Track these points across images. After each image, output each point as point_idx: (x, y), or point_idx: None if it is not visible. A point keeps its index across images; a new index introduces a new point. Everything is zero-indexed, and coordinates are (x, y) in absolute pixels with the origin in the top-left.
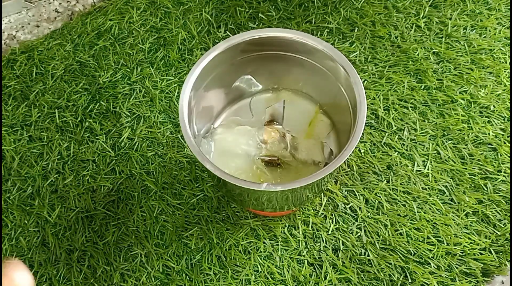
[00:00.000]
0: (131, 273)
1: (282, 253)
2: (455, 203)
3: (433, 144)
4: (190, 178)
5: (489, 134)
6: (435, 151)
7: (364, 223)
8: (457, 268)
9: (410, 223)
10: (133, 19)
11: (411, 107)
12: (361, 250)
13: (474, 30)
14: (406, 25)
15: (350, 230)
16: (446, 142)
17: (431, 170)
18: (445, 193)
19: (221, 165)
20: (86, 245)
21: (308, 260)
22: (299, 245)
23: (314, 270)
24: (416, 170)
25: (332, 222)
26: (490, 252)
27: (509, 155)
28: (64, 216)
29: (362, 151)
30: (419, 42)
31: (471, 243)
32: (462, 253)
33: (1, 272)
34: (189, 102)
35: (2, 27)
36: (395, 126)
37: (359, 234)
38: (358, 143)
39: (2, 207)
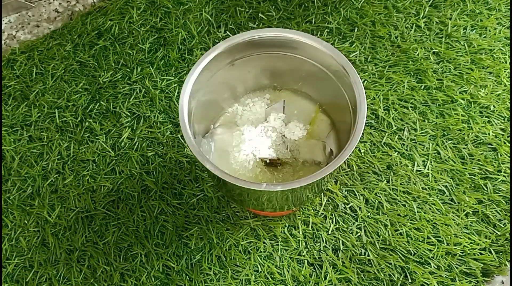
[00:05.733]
0: (131, 273)
1: (282, 253)
2: (455, 203)
3: (433, 144)
4: (190, 178)
5: (489, 134)
6: (435, 151)
7: (364, 223)
8: (457, 268)
9: (410, 223)
10: (133, 19)
11: (411, 107)
12: (361, 250)
13: (474, 30)
14: (406, 25)
15: (350, 230)
16: (446, 142)
17: (431, 170)
18: (445, 193)
19: (221, 165)
20: (86, 245)
21: (308, 260)
22: (299, 245)
23: (314, 270)
24: (416, 170)
25: (332, 222)
26: (490, 252)
27: (509, 155)
28: (64, 216)
29: (362, 151)
30: (419, 42)
31: (471, 243)
32: (462, 253)
33: None
34: (189, 102)
35: (2, 27)
36: (395, 126)
37: (359, 234)
38: (358, 143)
39: (2, 207)
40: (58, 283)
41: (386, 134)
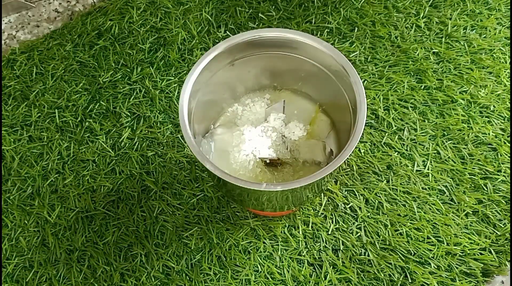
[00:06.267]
0: (131, 273)
1: (282, 253)
2: (455, 203)
3: (433, 144)
4: (190, 178)
5: (489, 134)
6: (435, 151)
7: (364, 223)
8: (457, 268)
9: (410, 223)
10: (133, 19)
11: (411, 107)
12: (361, 250)
13: (474, 30)
14: (406, 25)
15: (350, 230)
16: (446, 142)
17: (431, 170)
18: (445, 193)
19: (221, 165)
20: (86, 245)
21: (308, 260)
22: (299, 245)
23: (314, 270)
24: (416, 170)
25: (332, 222)
26: (490, 252)
27: (509, 155)
28: (64, 216)
29: (362, 151)
30: (419, 42)
31: (471, 243)
32: (462, 253)
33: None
34: (189, 102)
35: (2, 27)
36: (395, 126)
37: (359, 234)
38: (358, 143)
39: (2, 207)
40: (58, 283)
41: (386, 134)
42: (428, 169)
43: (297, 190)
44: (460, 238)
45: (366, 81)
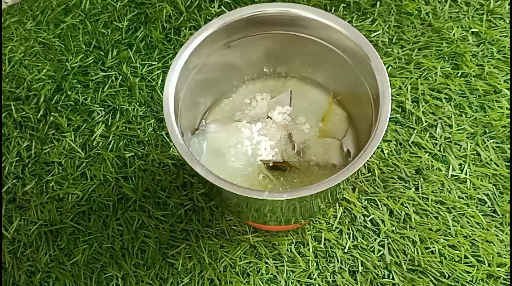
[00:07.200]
0: None
1: (288, 275)
2: (498, 215)
3: (471, 143)
4: (176, 184)
5: None
6: (474, 152)
7: (387, 239)
8: None
9: (444, 239)
10: None
11: (445, 98)
12: (384, 272)
13: None
14: None
15: (371, 247)
16: (488, 141)
17: (470, 175)
18: (486, 203)
19: (214, 168)
20: (51, 266)
21: (320, 284)
22: (309, 266)
23: None
24: (451, 175)
25: (349, 238)
26: None
27: None
28: (24, 231)
29: (385, 151)
30: (455, 20)
31: None
32: (506, 275)
33: None
34: (176, 92)
35: None
36: (426, 121)
37: (381, 252)
38: (380, 142)
39: None
40: None
41: (415, 131)
42: (465, 174)
43: (306, 199)
44: (504, 257)
45: (390, 67)
